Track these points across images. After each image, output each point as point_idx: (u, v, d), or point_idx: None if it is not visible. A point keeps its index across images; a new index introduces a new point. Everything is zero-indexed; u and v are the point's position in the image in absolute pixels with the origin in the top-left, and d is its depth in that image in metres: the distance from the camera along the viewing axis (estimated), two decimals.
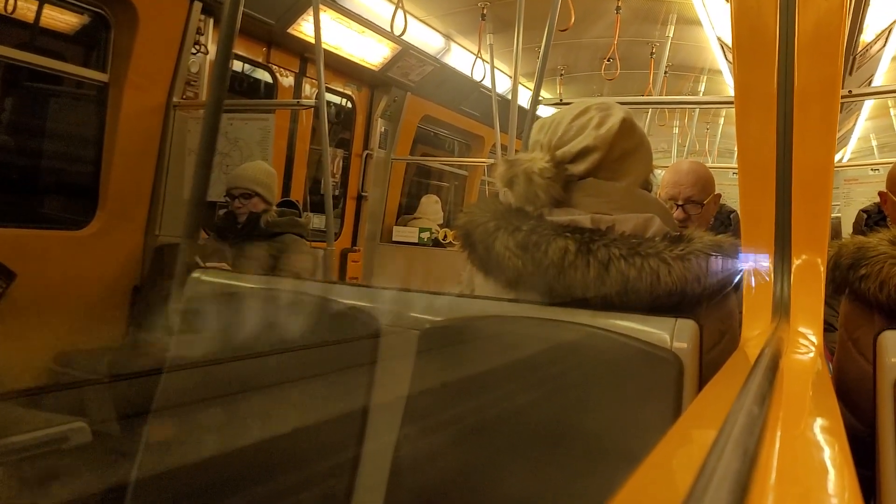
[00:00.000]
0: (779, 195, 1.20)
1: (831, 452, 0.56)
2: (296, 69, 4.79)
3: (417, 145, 6.42)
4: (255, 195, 3.34)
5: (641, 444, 0.54)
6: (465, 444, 1.20)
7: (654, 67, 5.32)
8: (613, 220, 1.26)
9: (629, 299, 1.18)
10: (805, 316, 1.16)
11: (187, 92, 3.87)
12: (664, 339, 1.11)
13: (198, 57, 3.88)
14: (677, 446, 0.59)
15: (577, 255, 1.19)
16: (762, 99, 1.23)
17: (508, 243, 1.25)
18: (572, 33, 4.18)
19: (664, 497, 0.44)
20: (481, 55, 4.91)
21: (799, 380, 0.92)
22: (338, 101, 5.35)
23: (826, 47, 1.21)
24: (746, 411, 0.54)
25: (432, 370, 1.27)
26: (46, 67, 3.40)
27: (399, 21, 4.11)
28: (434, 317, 1.30)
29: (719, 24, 4.49)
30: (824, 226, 1.21)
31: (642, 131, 1.42)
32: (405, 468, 1.22)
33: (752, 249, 1.23)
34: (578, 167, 1.33)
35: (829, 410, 0.73)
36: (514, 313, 1.26)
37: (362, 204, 5.61)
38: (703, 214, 2.35)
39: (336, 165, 5.30)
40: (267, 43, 4.51)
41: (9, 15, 3.13)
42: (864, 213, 2.97)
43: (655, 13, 4.73)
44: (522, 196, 1.31)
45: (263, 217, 3.36)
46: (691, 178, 2.34)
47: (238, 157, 3.64)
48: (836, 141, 1.34)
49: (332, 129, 5.00)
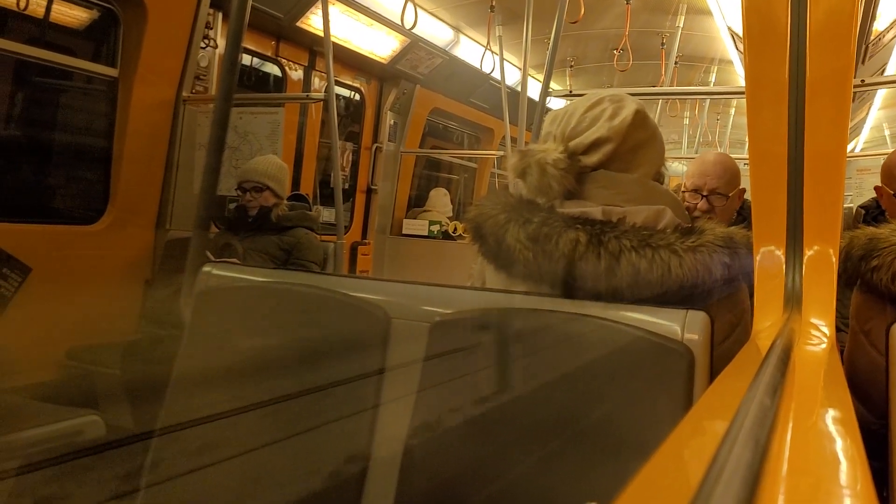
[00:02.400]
0: (790, 186, 1.19)
1: (843, 444, 0.56)
2: (305, 62, 4.79)
3: (427, 138, 6.41)
4: (266, 189, 3.35)
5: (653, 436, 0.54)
6: (475, 437, 1.20)
7: (664, 58, 5.29)
8: (625, 212, 1.26)
9: (640, 291, 1.18)
10: (817, 307, 1.15)
11: (197, 86, 3.88)
12: (675, 331, 1.10)
13: (207, 51, 3.88)
14: (689, 438, 0.59)
15: (588, 247, 1.19)
16: (773, 89, 1.22)
17: (519, 235, 1.25)
18: (582, 24, 4.17)
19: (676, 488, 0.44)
20: (490, 47, 4.90)
21: (811, 371, 0.91)
22: (347, 94, 5.35)
23: (838, 36, 1.20)
24: (758, 403, 0.54)
25: (443, 363, 1.27)
26: (56, 63, 3.41)
27: (409, 14, 4.10)
28: (445, 309, 1.30)
29: (730, 14, 4.46)
30: (836, 216, 1.20)
31: (655, 123, 1.42)
32: (416, 460, 1.22)
33: (764, 240, 1.22)
34: (591, 158, 1.32)
35: (841, 402, 0.73)
36: (524, 306, 1.26)
37: (372, 197, 5.61)
38: (726, 207, 2.30)
39: (346, 159, 5.31)
40: (276, 36, 4.51)
41: (21, 11, 3.14)
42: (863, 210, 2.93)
43: (666, 3, 4.71)
44: (535, 187, 1.31)
45: (274, 211, 3.37)
46: (718, 170, 2.30)
47: (248, 151, 3.65)
48: (848, 131, 1.33)
49: (341, 123, 5.00)
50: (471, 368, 1.25)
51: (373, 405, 1.28)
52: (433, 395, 1.25)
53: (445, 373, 1.27)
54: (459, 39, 5.33)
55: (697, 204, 2.28)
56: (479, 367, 1.25)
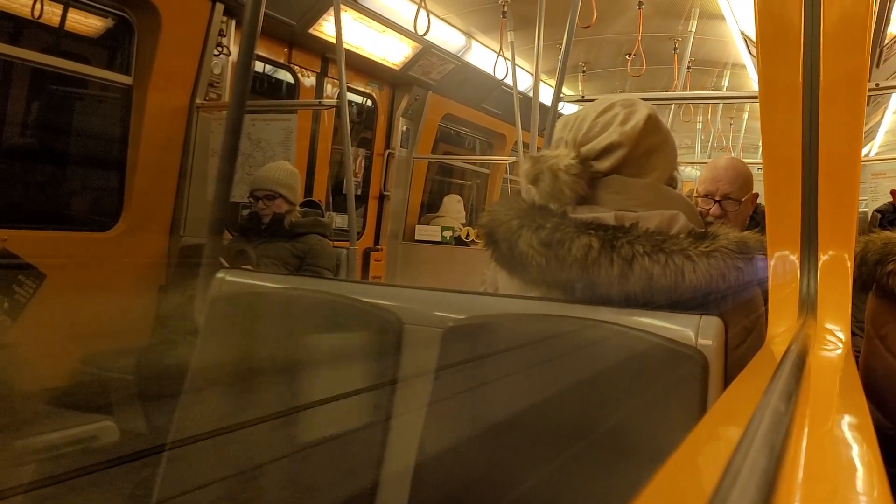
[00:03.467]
0: (805, 190, 1.18)
1: (860, 450, 0.55)
2: (317, 69, 4.80)
3: (439, 144, 6.42)
4: (279, 196, 3.36)
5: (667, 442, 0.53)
6: (488, 442, 1.20)
7: (677, 62, 5.28)
8: (637, 217, 1.25)
9: (653, 297, 1.18)
10: (832, 312, 1.15)
11: (210, 93, 3.90)
12: (689, 337, 1.10)
13: (220, 58, 3.91)
14: (703, 444, 0.59)
15: (600, 253, 1.19)
16: (787, 93, 1.21)
17: (532, 241, 1.25)
18: (594, 29, 4.17)
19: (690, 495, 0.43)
20: (503, 53, 4.90)
21: (826, 377, 0.91)
22: (359, 100, 5.36)
23: (852, 39, 1.19)
24: (773, 409, 0.53)
25: (456, 368, 1.27)
26: (72, 71, 3.44)
27: (422, 20, 4.11)
28: (457, 315, 1.30)
29: (742, 18, 4.44)
30: (851, 221, 1.19)
31: (667, 128, 1.41)
32: (429, 465, 1.22)
33: (778, 245, 1.22)
34: (603, 164, 1.32)
35: (857, 407, 0.73)
36: (537, 311, 1.25)
37: (384, 203, 5.62)
38: (739, 212, 2.30)
39: (358, 165, 5.32)
40: (288, 43, 4.53)
41: (36, 20, 3.17)
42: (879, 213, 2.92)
43: (678, 8, 4.70)
44: (548, 193, 1.31)
45: (287, 217, 3.38)
46: (730, 175, 2.29)
47: (261, 157, 3.66)
48: (862, 134, 1.32)
49: (353, 129, 5.01)
50: (483, 374, 1.25)
51: (386, 411, 1.28)
52: (446, 400, 1.25)
53: (458, 378, 1.27)
54: (471, 45, 5.34)
55: (710, 209, 2.27)
56: (491, 373, 1.25)
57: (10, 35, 3.27)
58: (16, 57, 3.21)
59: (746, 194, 2.30)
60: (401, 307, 1.36)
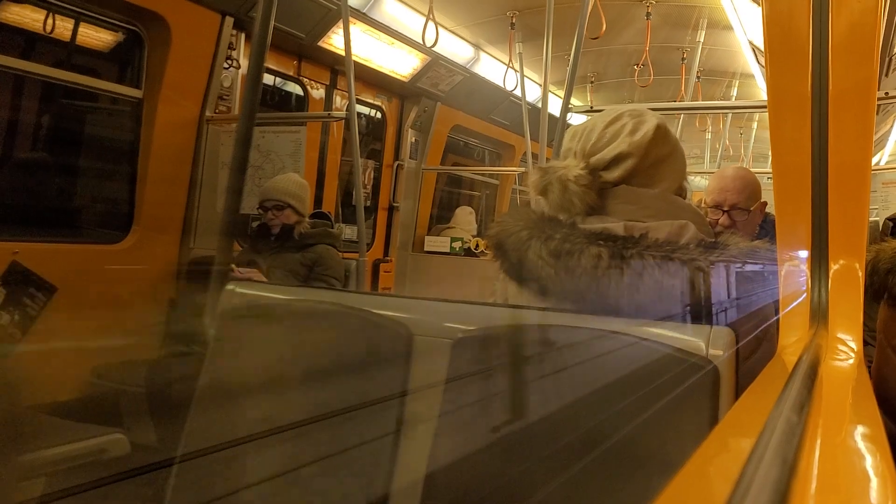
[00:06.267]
0: (815, 200, 1.18)
1: (873, 461, 0.55)
2: (326, 81, 4.83)
3: (448, 155, 6.43)
4: (288, 207, 3.37)
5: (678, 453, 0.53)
6: (499, 453, 1.20)
7: (685, 73, 5.28)
8: (647, 228, 1.25)
9: (663, 307, 1.17)
10: (844, 322, 1.14)
11: (220, 106, 3.92)
12: (700, 347, 1.09)
13: (230, 71, 3.93)
14: (714, 455, 0.58)
15: (610, 263, 1.19)
16: (796, 102, 1.21)
17: (541, 252, 1.25)
18: (602, 40, 4.17)
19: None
20: (512, 64, 4.91)
21: (839, 387, 0.90)
22: (368, 112, 5.38)
23: (861, 49, 1.19)
24: (785, 419, 0.53)
25: (466, 379, 1.27)
26: (83, 85, 3.46)
27: (430, 33, 4.12)
28: (467, 326, 1.30)
29: (750, 28, 4.44)
30: (862, 230, 1.19)
31: (676, 138, 1.41)
32: (440, 476, 1.21)
33: (789, 254, 1.21)
34: (612, 174, 1.32)
35: (870, 417, 0.72)
36: (547, 322, 1.25)
37: (394, 214, 5.63)
38: (748, 222, 2.30)
39: (367, 176, 5.34)
40: (298, 56, 4.56)
41: (47, 34, 3.20)
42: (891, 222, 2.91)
43: (686, 18, 4.71)
44: (557, 204, 1.31)
45: (296, 228, 3.39)
46: (738, 185, 2.30)
47: (270, 169, 3.68)
48: (872, 143, 1.32)
49: (362, 141, 5.02)
50: (493, 385, 1.25)
51: (396, 422, 1.28)
52: (457, 411, 1.25)
53: (468, 389, 1.26)
54: (480, 57, 5.35)
55: (719, 219, 2.27)
56: (501, 384, 1.25)
57: (23, 50, 3.30)
58: (29, 71, 3.23)
59: (755, 203, 2.30)
60: (410, 318, 1.36)
